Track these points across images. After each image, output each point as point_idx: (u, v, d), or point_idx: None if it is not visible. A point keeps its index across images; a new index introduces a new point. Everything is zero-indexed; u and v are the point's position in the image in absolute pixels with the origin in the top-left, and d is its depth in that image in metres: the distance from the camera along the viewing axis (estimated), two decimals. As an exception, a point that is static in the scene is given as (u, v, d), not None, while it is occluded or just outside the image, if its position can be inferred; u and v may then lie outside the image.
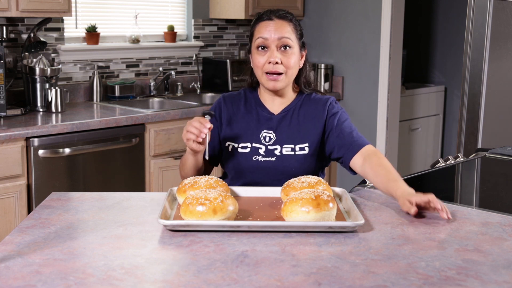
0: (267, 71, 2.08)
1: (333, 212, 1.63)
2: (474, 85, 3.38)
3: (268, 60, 2.07)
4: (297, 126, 2.14)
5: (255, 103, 2.19)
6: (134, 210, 1.79)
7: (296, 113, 2.16)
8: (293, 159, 2.10)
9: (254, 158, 2.11)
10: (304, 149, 2.11)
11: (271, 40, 2.08)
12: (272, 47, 2.08)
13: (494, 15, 3.27)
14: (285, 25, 2.11)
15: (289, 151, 2.11)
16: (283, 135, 2.13)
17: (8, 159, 3.08)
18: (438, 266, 1.38)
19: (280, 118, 2.15)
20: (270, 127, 2.14)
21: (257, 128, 2.15)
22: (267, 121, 2.15)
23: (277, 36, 2.08)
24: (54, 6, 3.48)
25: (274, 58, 2.07)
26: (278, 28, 2.09)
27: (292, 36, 2.11)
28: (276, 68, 2.07)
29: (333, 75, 4.81)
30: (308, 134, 2.12)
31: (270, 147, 2.12)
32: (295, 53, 2.11)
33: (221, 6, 4.57)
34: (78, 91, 4.01)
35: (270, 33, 2.08)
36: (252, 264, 1.37)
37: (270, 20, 2.10)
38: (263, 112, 2.17)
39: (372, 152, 2.01)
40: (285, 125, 2.14)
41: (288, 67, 2.09)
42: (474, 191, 2.29)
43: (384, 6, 4.47)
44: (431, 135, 5.57)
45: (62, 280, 1.29)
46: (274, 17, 2.11)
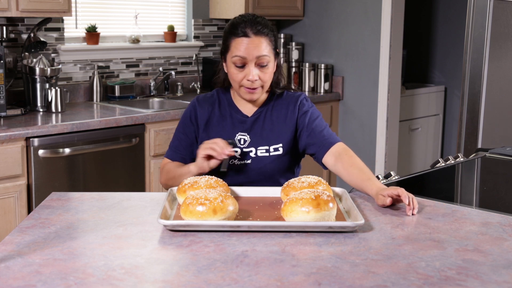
0: (246, 86, 2.09)
1: (333, 212, 1.63)
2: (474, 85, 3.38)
3: (246, 77, 2.08)
4: (270, 127, 2.17)
5: (229, 105, 2.20)
6: (134, 210, 1.79)
7: (269, 113, 2.19)
8: (267, 160, 2.14)
9: (230, 162, 2.13)
10: (278, 149, 2.15)
11: (249, 58, 2.06)
12: (250, 66, 2.07)
13: (494, 15, 3.27)
14: (262, 41, 2.08)
15: (264, 152, 2.15)
16: (257, 137, 2.16)
17: (8, 159, 3.08)
18: (438, 266, 1.38)
19: (254, 120, 2.18)
20: (244, 130, 2.17)
21: (232, 131, 2.17)
22: (241, 123, 2.17)
23: (255, 55, 2.06)
24: (54, 6, 3.48)
25: (252, 76, 2.07)
26: (255, 46, 2.07)
27: (269, 51, 2.10)
28: (254, 85, 2.09)
29: (333, 75, 4.81)
30: (281, 134, 2.16)
31: (245, 150, 2.15)
32: (272, 66, 2.13)
33: (221, 6, 4.57)
34: (78, 91, 4.01)
35: (248, 52, 2.06)
36: (252, 264, 1.38)
37: (246, 37, 2.07)
38: (237, 114, 2.19)
39: (342, 151, 2.06)
40: (259, 127, 2.17)
41: (265, 81, 2.11)
42: (474, 191, 2.29)
43: (384, 6, 4.47)
44: (431, 135, 5.57)
45: (62, 280, 1.29)
46: (251, 33, 2.07)
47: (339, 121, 4.77)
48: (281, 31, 5.06)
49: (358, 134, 4.69)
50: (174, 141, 2.24)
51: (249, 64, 2.07)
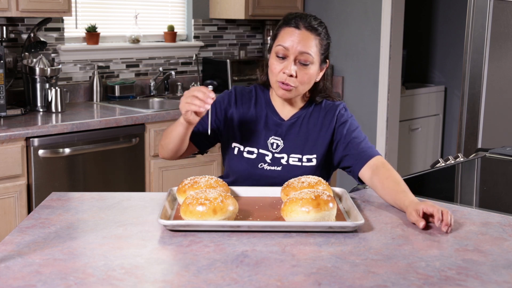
0: (280, 80, 2.01)
1: (333, 212, 1.63)
2: (474, 85, 3.38)
3: (283, 70, 1.99)
4: (306, 134, 2.08)
5: (266, 105, 2.12)
6: (134, 210, 1.79)
7: (306, 120, 2.09)
8: (299, 170, 2.04)
9: (260, 166, 2.06)
10: (311, 160, 2.06)
11: (291, 51, 1.98)
12: (291, 59, 1.99)
13: (494, 15, 3.27)
14: (311, 39, 2.00)
15: (296, 161, 2.05)
16: (291, 143, 2.07)
17: (8, 159, 3.08)
18: (438, 266, 1.38)
19: (290, 124, 2.09)
20: (278, 134, 2.08)
21: (266, 134, 2.08)
22: (276, 126, 2.09)
23: (299, 49, 1.98)
24: (54, 6, 3.48)
25: (289, 70, 1.98)
26: (302, 40, 1.99)
27: (315, 52, 2.01)
28: (288, 80, 1.99)
29: (333, 75, 4.81)
30: (316, 145, 2.07)
31: (277, 155, 2.06)
32: (313, 69, 2.03)
33: (221, 6, 4.57)
34: (78, 91, 4.01)
35: (292, 44, 1.98)
36: (252, 264, 1.37)
37: (297, 29, 2.00)
38: (273, 116, 2.10)
39: (380, 164, 1.95)
40: (294, 133, 2.08)
41: (302, 82, 2.01)
42: (474, 191, 2.29)
43: (384, 6, 4.47)
44: (431, 135, 5.57)
45: (62, 280, 1.29)
46: (302, 26, 2.00)
47: (339, 121, 4.77)
48: (281, 31, 5.06)
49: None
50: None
51: (290, 57, 1.98)
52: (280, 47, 2.00)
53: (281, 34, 2.02)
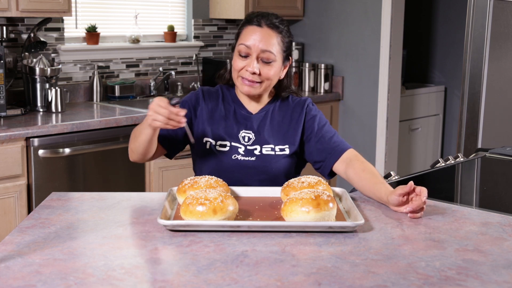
0: (243, 76, 2.04)
1: (333, 212, 1.63)
2: (474, 85, 3.38)
3: (246, 67, 2.03)
4: (276, 127, 2.11)
5: (233, 101, 2.15)
6: (134, 210, 1.79)
7: (275, 114, 2.12)
8: (274, 159, 2.07)
9: (233, 157, 2.07)
10: (284, 150, 2.09)
11: (253, 49, 2.02)
12: (253, 57, 2.02)
13: (494, 15, 3.27)
14: (272, 36, 2.03)
15: (269, 151, 2.08)
16: (262, 135, 2.10)
17: (8, 159, 3.08)
18: (438, 266, 1.38)
19: (258, 117, 2.12)
20: (249, 127, 2.11)
21: (236, 127, 2.11)
22: (245, 120, 2.11)
23: (261, 47, 2.01)
24: (54, 6, 3.48)
25: (252, 68, 2.02)
26: (263, 38, 2.02)
27: (277, 49, 2.04)
28: (252, 78, 2.03)
29: (333, 75, 4.81)
30: (287, 136, 2.10)
31: (250, 147, 2.08)
32: (276, 66, 2.05)
33: (221, 6, 4.57)
34: (78, 91, 4.01)
35: (254, 42, 2.01)
36: (252, 264, 1.38)
37: (259, 27, 2.03)
38: (241, 110, 2.12)
39: (354, 157, 2.00)
40: (264, 125, 2.11)
41: (266, 78, 2.04)
42: (474, 191, 2.29)
43: (384, 6, 4.47)
44: (431, 135, 5.57)
45: (62, 280, 1.29)
46: (264, 24, 2.03)
47: (339, 121, 4.77)
48: (281, 31, 5.06)
49: (358, 134, 4.69)
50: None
51: (252, 55, 2.02)
52: (242, 46, 2.03)
53: (243, 33, 2.05)
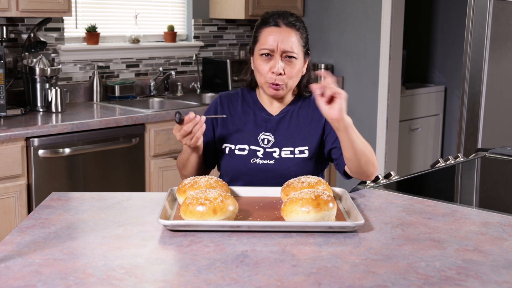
0: (269, 82, 2.05)
1: (333, 212, 1.63)
2: (474, 85, 3.38)
3: (271, 70, 2.03)
4: (296, 128, 2.11)
5: (253, 103, 2.16)
6: (134, 210, 1.79)
7: (295, 114, 2.12)
8: (292, 162, 2.07)
9: (252, 161, 2.08)
10: (303, 152, 2.08)
11: (276, 50, 2.03)
12: (277, 57, 2.03)
13: (494, 15, 3.27)
14: (292, 35, 2.05)
15: (288, 154, 2.08)
16: (282, 137, 2.10)
17: (8, 159, 3.08)
18: (438, 266, 1.38)
19: (279, 119, 2.12)
20: (268, 129, 2.11)
21: (255, 130, 2.11)
22: (265, 122, 2.12)
23: (283, 47, 2.02)
24: (54, 6, 3.48)
25: (277, 69, 2.02)
26: (284, 38, 2.03)
27: (298, 46, 2.05)
28: (278, 80, 2.04)
29: (333, 75, 4.80)
30: (307, 137, 2.09)
31: (269, 150, 2.08)
32: (299, 64, 2.07)
33: (221, 6, 4.57)
34: (78, 91, 4.01)
35: (276, 43, 2.02)
36: (252, 264, 1.37)
37: (277, 27, 2.04)
38: (261, 113, 2.14)
39: None
40: (284, 127, 2.11)
41: (291, 77, 2.05)
42: (474, 191, 2.29)
43: (384, 6, 4.47)
44: (431, 135, 5.57)
45: (62, 280, 1.29)
46: (282, 23, 2.05)
47: (339, 121, 4.76)
48: (281, 31, 5.06)
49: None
50: None
51: (275, 55, 2.03)
52: (263, 49, 2.04)
53: (262, 35, 2.06)
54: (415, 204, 1.86)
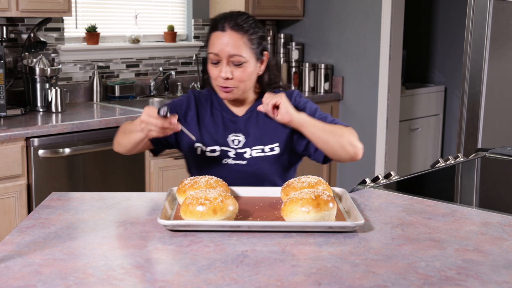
0: (219, 85, 2.05)
1: (333, 212, 1.63)
2: (474, 85, 3.38)
3: (219, 74, 2.03)
4: (264, 126, 2.10)
5: (219, 105, 2.15)
6: (134, 210, 1.79)
7: (261, 113, 2.11)
8: (264, 161, 2.08)
9: (224, 161, 2.08)
10: (274, 149, 2.08)
11: (222, 55, 2.02)
12: (223, 63, 2.02)
13: (494, 15, 3.27)
14: (238, 39, 2.01)
15: (260, 152, 2.08)
16: (251, 137, 2.09)
17: (8, 159, 3.08)
18: (438, 266, 1.38)
19: (246, 119, 2.11)
20: (237, 130, 2.10)
21: (225, 132, 2.11)
22: (233, 124, 2.11)
23: (228, 52, 2.01)
24: (54, 6, 3.48)
25: (224, 73, 2.02)
26: (229, 43, 2.01)
27: (245, 50, 2.02)
28: (226, 83, 2.03)
29: (333, 75, 4.81)
30: (276, 134, 2.09)
31: (240, 150, 2.08)
32: (249, 67, 2.03)
33: (221, 6, 4.57)
34: (78, 91, 4.01)
35: (221, 48, 2.01)
36: (252, 264, 1.37)
37: (223, 32, 2.02)
38: (227, 115, 2.13)
39: None
40: (252, 127, 2.11)
41: (241, 80, 2.03)
42: (474, 191, 2.29)
43: (384, 6, 4.47)
44: (431, 135, 5.57)
45: (62, 280, 1.29)
46: (228, 28, 2.02)
47: (339, 121, 4.77)
48: (281, 31, 5.06)
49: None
50: None
51: (222, 61, 2.02)
52: (211, 55, 2.04)
53: (211, 40, 2.06)
54: (415, 204, 1.86)
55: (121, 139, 2.06)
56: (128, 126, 2.04)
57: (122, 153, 2.10)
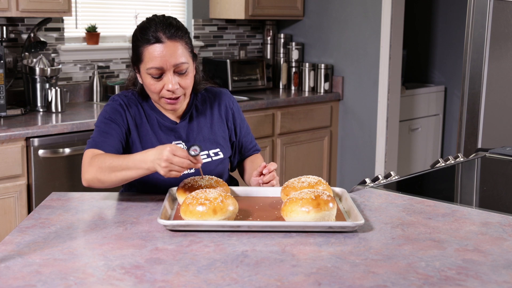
0: (165, 97, 1.93)
1: (333, 212, 1.63)
2: (474, 85, 3.38)
3: (165, 87, 1.91)
4: (202, 132, 2.05)
5: (152, 111, 2.02)
6: (134, 210, 1.79)
7: (198, 116, 2.06)
8: (212, 165, 2.04)
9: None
10: (218, 153, 2.07)
11: (166, 68, 1.89)
12: (169, 74, 1.90)
13: (494, 15, 3.27)
14: (178, 46, 1.90)
15: (205, 158, 2.03)
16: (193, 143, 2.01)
17: (8, 159, 3.08)
18: (438, 266, 1.38)
19: (184, 126, 2.03)
20: (178, 137, 2.03)
21: (167, 139, 2.01)
22: (171, 131, 2.02)
23: (172, 62, 1.89)
24: (54, 6, 3.48)
25: (173, 85, 1.90)
26: (172, 53, 1.88)
27: (186, 55, 1.93)
28: (175, 94, 1.92)
29: (333, 75, 4.81)
30: (216, 138, 2.07)
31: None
32: (191, 71, 1.97)
33: (221, 6, 4.57)
34: (78, 91, 4.01)
35: (165, 61, 1.88)
36: (252, 264, 1.38)
37: (161, 43, 1.88)
38: (164, 121, 2.02)
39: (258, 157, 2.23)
40: (192, 132, 2.04)
41: (187, 87, 1.95)
42: (474, 191, 2.29)
43: (384, 6, 4.47)
44: (431, 135, 5.57)
45: (62, 280, 1.29)
46: (164, 37, 1.88)
47: (339, 121, 4.77)
48: (281, 31, 5.06)
49: (358, 134, 4.69)
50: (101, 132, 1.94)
51: (167, 73, 1.90)
52: (153, 69, 1.89)
53: (146, 54, 1.90)
54: (415, 204, 1.86)
55: (105, 177, 1.82)
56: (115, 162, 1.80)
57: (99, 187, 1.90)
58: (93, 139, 1.93)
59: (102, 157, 1.84)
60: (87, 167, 1.85)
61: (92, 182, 1.85)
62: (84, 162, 1.88)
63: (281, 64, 4.88)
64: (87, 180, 1.86)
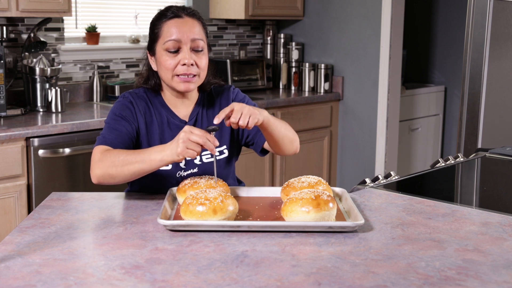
0: (179, 74, 1.93)
1: (333, 212, 1.63)
2: (474, 85, 3.38)
3: (180, 62, 1.92)
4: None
5: (163, 107, 2.02)
6: (134, 210, 1.79)
7: (205, 116, 2.05)
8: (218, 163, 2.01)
9: (178, 175, 1.98)
10: (223, 152, 2.04)
11: (184, 41, 1.91)
12: (185, 49, 1.92)
13: (494, 15, 3.27)
14: (196, 24, 1.95)
15: (210, 157, 2.01)
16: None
17: (8, 159, 3.08)
18: (438, 266, 1.38)
19: (192, 125, 2.02)
20: None
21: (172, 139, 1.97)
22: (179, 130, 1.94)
23: (191, 37, 1.92)
24: (54, 6, 3.48)
25: (188, 60, 1.91)
26: (190, 28, 1.93)
27: (203, 36, 1.96)
28: (190, 70, 1.92)
29: (333, 75, 4.81)
30: (223, 136, 2.04)
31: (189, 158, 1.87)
32: (206, 54, 1.97)
33: (221, 6, 4.57)
34: (78, 91, 4.01)
35: (183, 34, 1.91)
36: (252, 264, 1.38)
37: (180, 18, 1.94)
38: (174, 120, 2.01)
39: None
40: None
41: (201, 68, 1.95)
42: (474, 191, 2.29)
43: (384, 6, 4.47)
44: (431, 135, 5.57)
45: (62, 280, 1.29)
46: (183, 14, 1.95)
47: (339, 121, 4.77)
48: (281, 31, 5.06)
49: (358, 134, 4.69)
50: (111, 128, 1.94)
51: (183, 47, 1.92)
52: (170, 41, 1.91)
53: (164, 29, 1.94)
54: (415, 204, 1.86)
55: (117, 172, 1.80)
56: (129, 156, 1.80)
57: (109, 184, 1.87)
58: (103, 136, 1.93)
59: (115, 152, 1.83)
60: (97, 163, 1.82)
61: (103, 178, 1.82)
62: (93, 158, 1.85)
63: (281, 64, 4.88)
64: (97, 176, 1.83)
